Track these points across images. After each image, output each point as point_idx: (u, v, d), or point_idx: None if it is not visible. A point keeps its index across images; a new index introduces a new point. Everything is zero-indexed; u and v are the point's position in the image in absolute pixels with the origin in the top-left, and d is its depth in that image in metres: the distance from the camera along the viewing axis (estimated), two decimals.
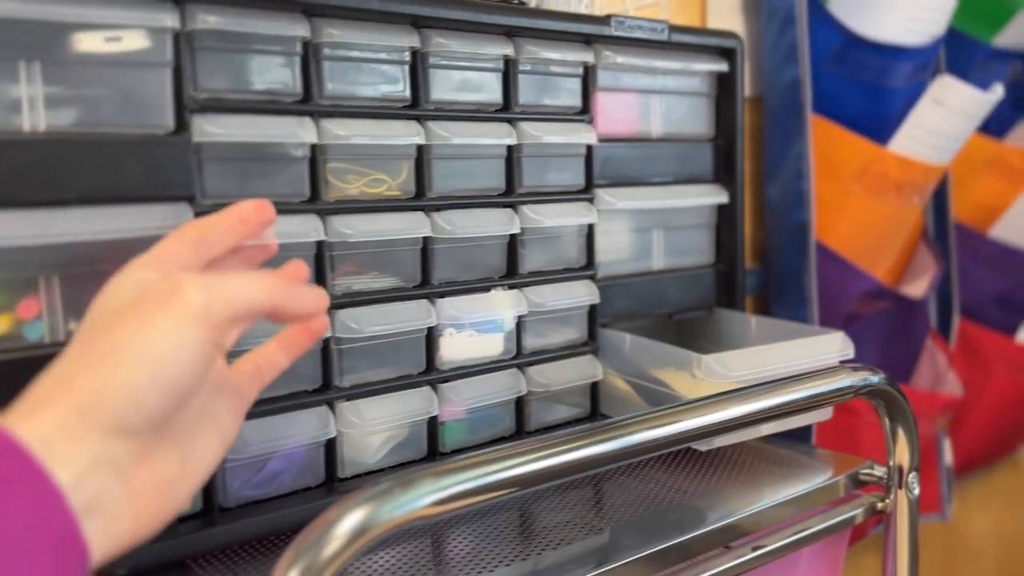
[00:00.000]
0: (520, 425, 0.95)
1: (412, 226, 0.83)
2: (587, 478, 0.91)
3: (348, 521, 0.52)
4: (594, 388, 1.00)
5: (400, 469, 0.86)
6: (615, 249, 1.02)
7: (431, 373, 0.87)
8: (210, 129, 0.71)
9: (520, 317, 0.92)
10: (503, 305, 0.91)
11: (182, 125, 0.71)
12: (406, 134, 0.82)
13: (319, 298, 0.59)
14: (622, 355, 0.98)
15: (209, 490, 0.74)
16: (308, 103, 0.78)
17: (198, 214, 0.72)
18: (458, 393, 0.88)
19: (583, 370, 0.98)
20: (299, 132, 0.75)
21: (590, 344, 1.00)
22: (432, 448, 0.88)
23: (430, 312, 0.85)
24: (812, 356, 0.94)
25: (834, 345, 0.96)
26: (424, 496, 0.56)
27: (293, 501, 0.78)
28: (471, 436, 0.91)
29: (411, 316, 0.84)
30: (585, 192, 0.98)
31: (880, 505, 0.91)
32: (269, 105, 0.76)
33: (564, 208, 0.95)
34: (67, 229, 0.65)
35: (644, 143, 1.04)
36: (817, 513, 0.90)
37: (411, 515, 0.55)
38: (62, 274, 0.66)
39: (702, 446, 0.95)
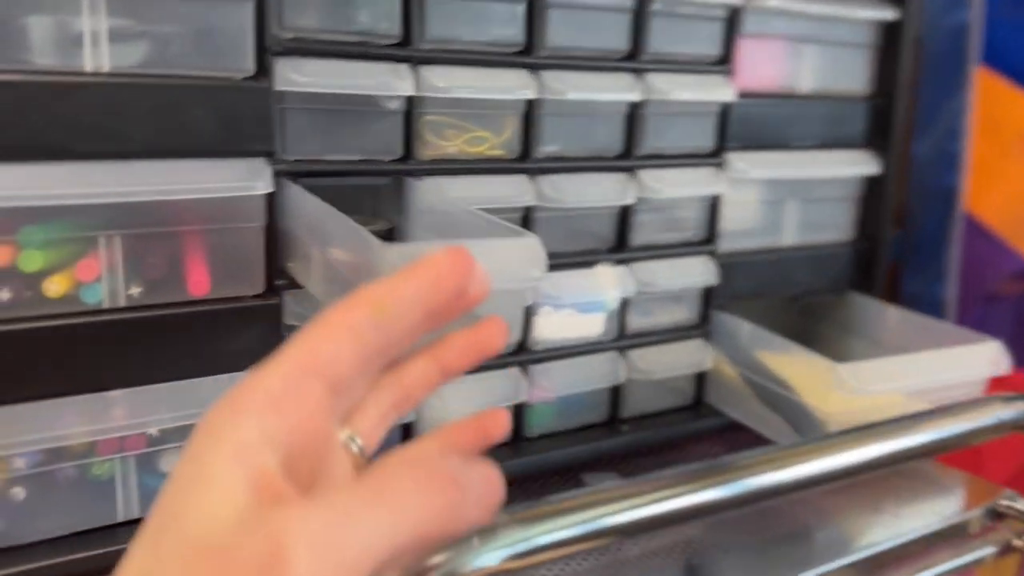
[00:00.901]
0: (614, 412, 0.86)
1: (514, 192, 0.73)
2: None
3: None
4: (700, 375, 0.90)
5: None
6: (740, 220, 0.90)
7: (522, 353, 0.78)
8: (295, 77, 0.62)
9: (625, 297, 0.82)
10: (608, 282, 0.81)
11: (263, 69, 0.62)
12: (517, 86, 0.72)
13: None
14: (736, 343, 0.88)
15: None
16: (406, 47, 0.68)
17: (278, 173, 0.63)
18: (549, 376, 0.80)
19: (690, 356, 0.88)
20: (395, 82, 0.66)
21: (701, 327, 0.90)
22: (517, 432, 0.81)
23: None
24: (960, 369, 0.82)
25: (986, 357, 0.84)
26: (507, 547, 0.48)
27: None
28: (560, 421, 0.83)
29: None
30: (715, 156, 0.86)
31: (1018, 543, 0.80)
32: (362, 49, 0.66)
33: (688, 175, 0.84)
34: (130, 187, 0.58)
35: (789, 100, 0.90)
36: (947, 548, 0.79)
37: (491, 569, 0.48)
38: (124, 234, 0.60)
39: None
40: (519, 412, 0.80)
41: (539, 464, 0.80)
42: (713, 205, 0.87)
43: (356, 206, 0.69)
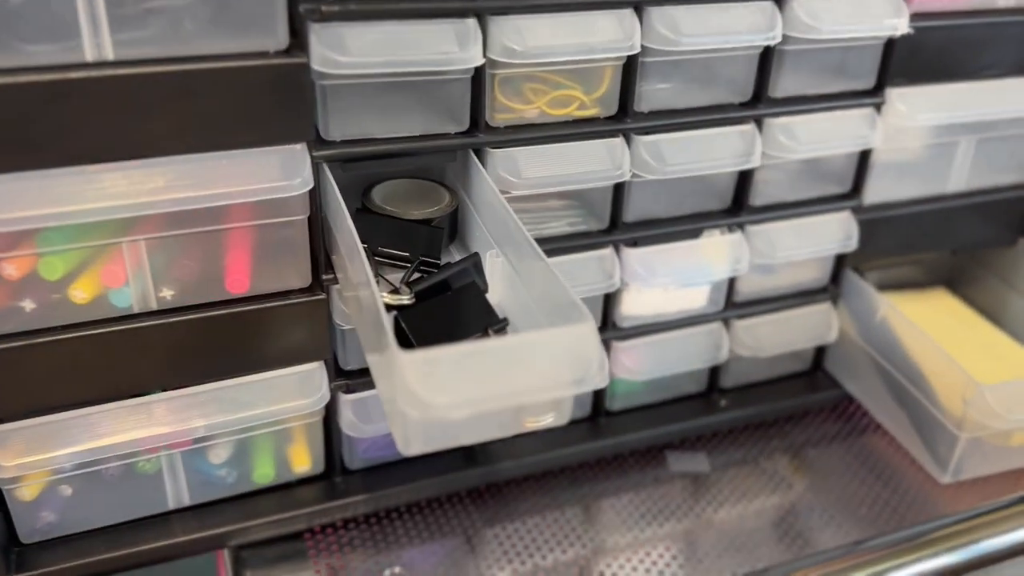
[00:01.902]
0: (713, 382, 0.77)
1: (606, 165, 0.61)
2: None
3: None
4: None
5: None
6: (896, 167, 0.74)
7: (606, 330, 0.69)
8: (336, 57, 0.51)
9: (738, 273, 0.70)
10: (717, 255, 0.69)
11: (298, 42, 0.52)
12: (612, 39, 0.58)
13: None
14: (869, 319, 0.75)
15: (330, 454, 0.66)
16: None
17: (321, 160, 0.54)
18: (634, 356, 0.71)
19: (812, 326, 0.77)
20: (461, 51, 0.53)
21: (829, 290, 0.77)
22: (596, 406, 0.74)
23: (613, 266, 0.66)
24: None
25: None
26: None
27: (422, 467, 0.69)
28: (649, 394, 0.75)
29: (586, 274, 0.65)
30: (871, 95, 0.69)
31: None
32: (418, 5, 0.53)
33: (833, 123, 0.68)
34: (147, 197, 0.51)
35: (983, 17, 0.70)
36: None
37: None
38: (148, 239, 0.54)
39: None
40: (599, 391, 0.72)
41: (620, 446, 0.73)
42: (863, 155, 0.71)
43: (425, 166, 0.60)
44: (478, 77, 0.56)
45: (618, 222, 0.65)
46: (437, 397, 0.41)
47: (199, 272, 0.56)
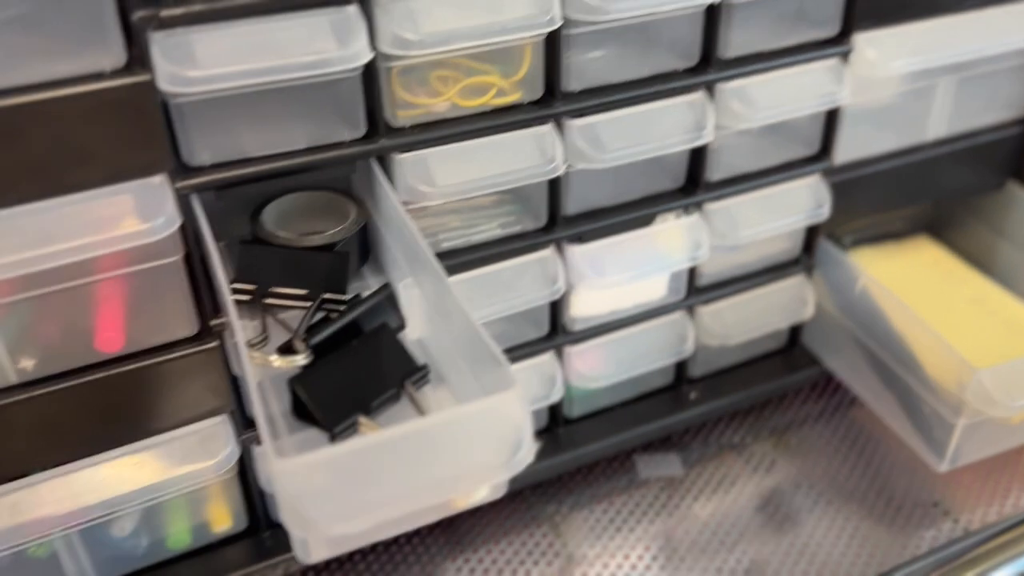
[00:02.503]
0: (681, 373, 0.70)
1: (534, 161, 0.52)
2: None
3: None
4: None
5: None
6: (868, 119, 0.65)
7: (556, 336, 0.62)
8: (180, 72, 0.42)
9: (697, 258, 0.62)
10: (674, 242, 0.61)
11: (137, 56, 0.42)
12: (526, 14, 0.48)
13: None
14: (848, 293, 0.67)
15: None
16: None
17: (184, 191, 0.45)
18: (589, 361, 0.63)
19: (785, 304, 0.69)
20: (331, 50, 0.44)
21: (802, 262, 0.69)
22: (555, 416, 0.66)
23: (556, 269, 0.58)
24: None
25: None
26: None
27: None
28: (610, 398, 0.68)
29: (525, 282, 0.57)
30: (836, 43, 0.60)
31: None
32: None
33: (794, 81, 0.59)
34: None
35: None
36: None
37: None
38: None
39: None
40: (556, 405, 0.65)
41: (583, 457, 0.66)
42: (830, 112, 0.63)
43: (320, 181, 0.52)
44: (370, 72, 0.47)
45: (557, 217, 0.57)
46: (324, 510, 0.33)
47: (61, 335, 0.47)
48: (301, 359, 0.43)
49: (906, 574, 0.60)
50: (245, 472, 0.56)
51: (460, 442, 0.35)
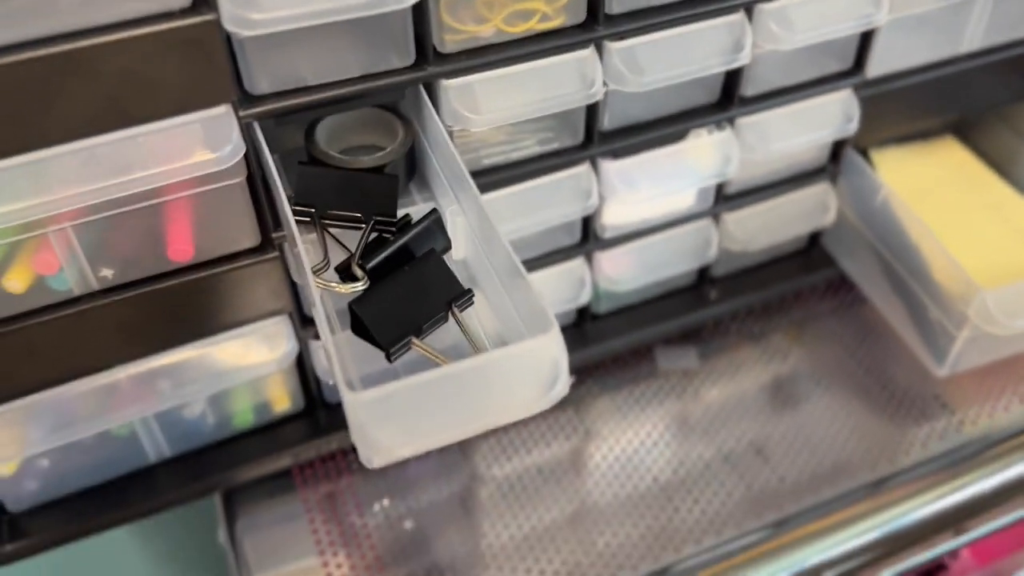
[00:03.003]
0: (703, 274, 0.74)
1: (575, 87, 0.54)
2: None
3: None
4: None
5: None
6: (903, 31, 0.66)
7: (587, 243, 0.65)
8: (244, 14, 0.43)
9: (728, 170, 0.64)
10: (704, 157, 0.63)
11: None
12: None
13: None
14: (869, 203, 0.70)
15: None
16: None
17: (247, 119, 0.48)
18: (617, 265, 0.67)
19: (808, 210, 0.72)
20: None
21: (828, 170, 0.71)
22: (582, 312, 0.71)
23: (590, 184, 0.60)
24: None
25: None
26: None
27: None
28: (635, 297, 0.72)
29: (560, 197, 0.60)
30: None
31: None
32: None
33: (833, 1, 0.59)
34: (58, 193, 0.45)
35: None
36: None
37: None
38: (74, 225, 0.49)
39: None
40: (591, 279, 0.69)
41: (608, 351, 0.71)
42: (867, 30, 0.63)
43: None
44: (420, 2, 0.49)
45: (594, 134, 0.59)
46: (393, 437, 0.39)
47: (137, 248, 0.52)
48: (360, 286, 0.47)
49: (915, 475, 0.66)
50: (303, 362, 0.62)
51: (506, 379, 0.40)
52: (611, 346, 0.71)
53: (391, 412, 0.38)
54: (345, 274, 0.49)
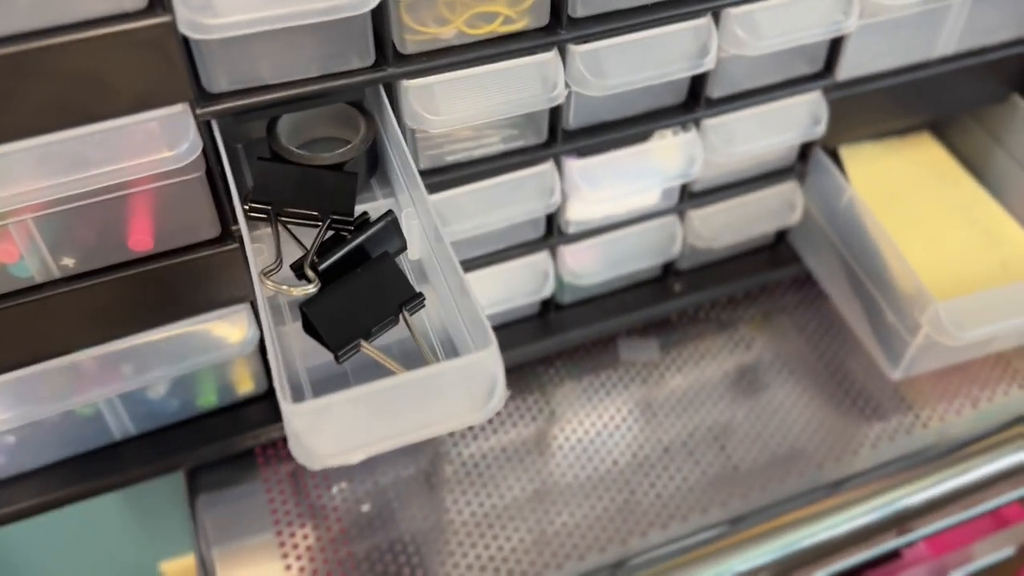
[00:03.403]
0: (667, 266, 0.74)
1: (535, 91, 0.55)
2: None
3: None
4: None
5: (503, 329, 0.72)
6: (876, 34, 0.66)
7: (551, 238, 0.66)
8: (199, 20, 0.44)
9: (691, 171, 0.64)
10: (667, 157, 0.64)
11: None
12: None
13: None
14: (834, 205, 0.70)
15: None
16: None
17: (204, 116, 0.49)
18: (580, 259, 0.68)
19: (774, 209, 0.72)
20: None
21: (796, 169, 0.72)
22: (546, 302, 0.72)
23: (553, 182, 0.61)
24: None
25: None
26: None
27: None
28: (599, 288, 0.73)
29: (523, 195, 0.61)
30: None
31: None
32: None
33: (802, 4, 0.59)
34: (14, 188, 0.46)
35: None
36: None
37: None
38: (34, 217, 0.49)
39: None
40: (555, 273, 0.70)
41: (571, 340, 0.73)
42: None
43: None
44: (380, 5, 0.49)
45: (558, 133, 0.60)
46: (328, 446, 0.40)
47: (97, 239, 0.52)
48: (312, 288, 0.48)
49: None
50: (264, 345, 0.63)
51: (444, 392, 0.41)
52: (574, 336, 0.72)
53: (328, 423, 0.40)
54: (300, 272, 0.50)
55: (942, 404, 0.71)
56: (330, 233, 0.52)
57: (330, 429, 0.40)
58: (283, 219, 0.53)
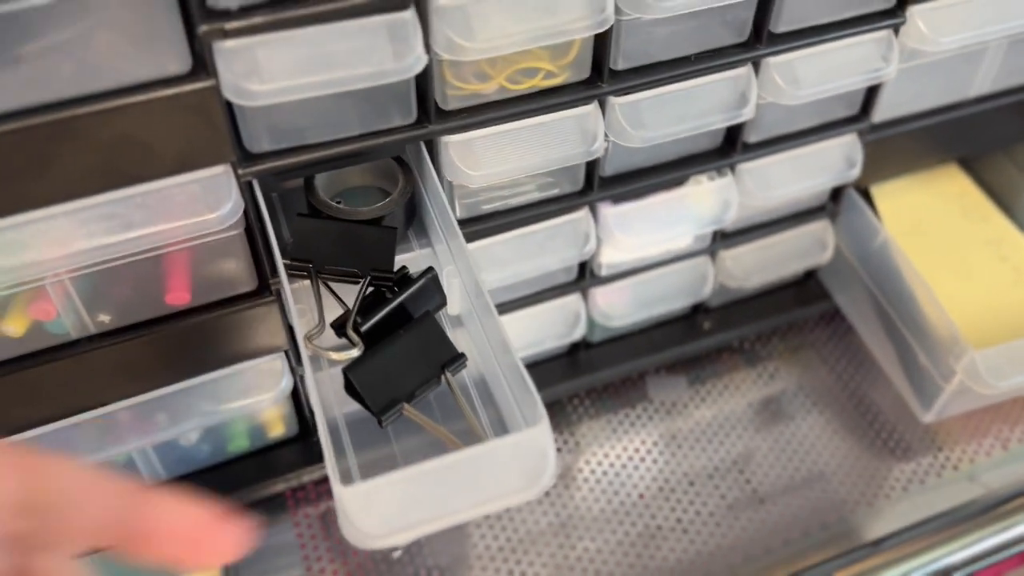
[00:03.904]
0: (697, 304, 0.74)
1: (576, 147, 0.54)
2: None
3: None
4: None
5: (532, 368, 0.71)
6: (912, 78, 0.65)
7: (583, 280, 0.65)
8: (246, 86, 0.43)
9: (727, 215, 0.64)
10: (702, 202, 0.63)
11: (202, 61, 0.43)
12: (579, 15, 0.48)
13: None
14: (867, 246, 0.70)
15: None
16: None
17: (246, 176, 0.48)
18: (611, 299, 0.67)
19: (805, 247, 0.72)
20: (387, 64, 0.45)
21: (828, 208, 0.71)
22: (576, 344, 0.71)
23: (588, 228, 0.60)
24: None
25: None
26: None
27: None
28: (629, 327, 0.73)
29: (558, 243, 0.60)
30: (891, 15, 0.59)
31: None
32: (337, 5, 0.44)
33: (841, 53, 0.58)
34: (58, 251, 0.46)
35: None
36: None
37: None
38: (71, 276, 0.49)
39: None
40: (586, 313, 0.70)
41: (600, 380, 0.72)
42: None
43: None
44: (425, 71, 0.48)
45: (594, 181, 0.59)
46: (377, 527, 0.39)
47: (134, 295, 0.52)
48: (355, 351, 0.48)
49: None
50: (297, 392, 0.63)
51: (496, 469, 0.41)
52: (604, 375, 0.72)
53: (378, 504, 0.39)
54: (341, 330, 0.50)
55: (972, 444, 0.71)
56: (371, 289, 0.52)
57: (380, 510, 0.39)
58: (323, 276, 0.52)
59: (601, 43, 0.52)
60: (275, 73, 0.43)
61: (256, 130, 0.48)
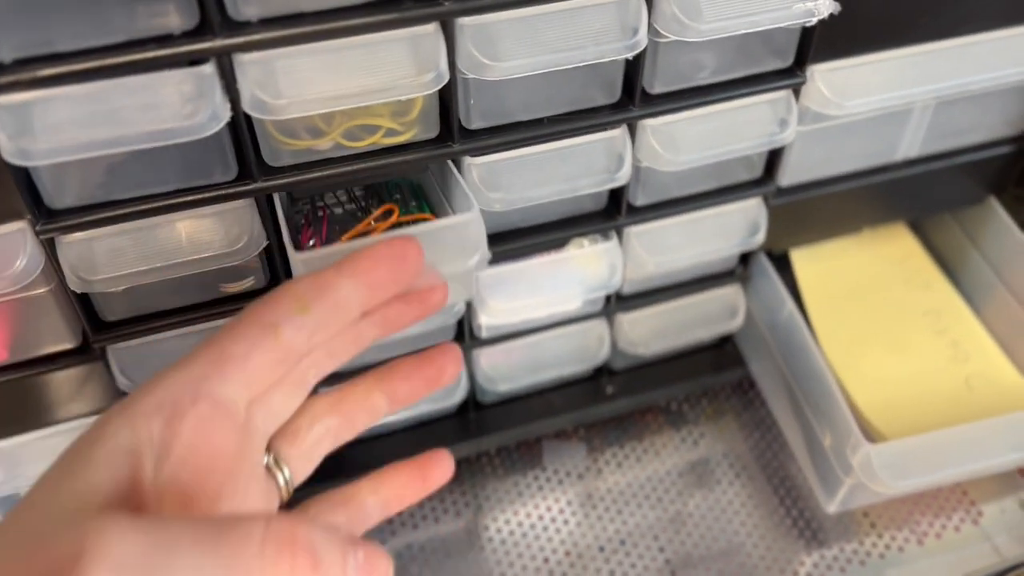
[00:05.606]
0: (600, 366, 0.69)
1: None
2: None
3: None
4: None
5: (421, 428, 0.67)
6: (824, 140, 0.60)
7: (463, 341, 0.61)
8: (26, 146, 0.40)
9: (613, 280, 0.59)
10: (587, 266, 0.59)
11: None
12: (404, 75, 0.44)
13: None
14: (775, 316, 0.65)
15: None
16: (204, 35, 0.41)
17: (43, 233, 0.45)
18: (496, 362, 0.63)
19: (713, 313, 0.67)
20: (177, 116, 0.41)
21: (737, 273, 0.66)
22: (465, 401, 0.67)
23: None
24: None
25: None
26: None
27: None
28: (522, 390, 0.68)
29: None
30: (788, 75, 0.54)
31: None
32: (131, 54, 0.40)
33: (731, 115, 0.54)
34: None
35: None
36: None
37: None
38: None
39: None
40: (468, 373, 0.65)
41: (492, 444, 0.68)
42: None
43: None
44: (237, 121, 0.44)
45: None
46: None
47: None
48: None
49: None
50: None
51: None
52: (496, 440, 0.68)
53: None
54: None
55: (888, 533, 0.65)
56: None
57: None
58: None
59: (446, 101, 0.48)
60: (50, 132, 0.40)
61: (52, 187, 0.44)
